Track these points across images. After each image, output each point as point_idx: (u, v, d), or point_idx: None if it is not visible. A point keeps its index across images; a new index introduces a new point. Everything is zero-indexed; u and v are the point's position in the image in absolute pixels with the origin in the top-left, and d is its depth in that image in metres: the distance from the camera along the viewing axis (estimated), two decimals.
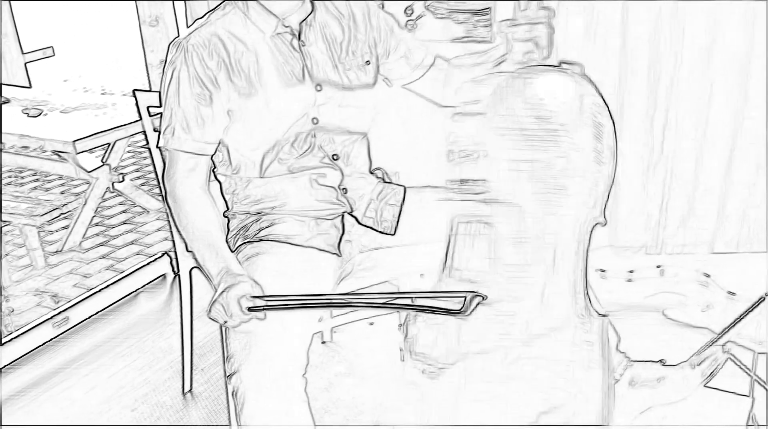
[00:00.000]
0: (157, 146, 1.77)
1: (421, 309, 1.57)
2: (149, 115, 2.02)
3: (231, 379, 1.65)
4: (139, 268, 2.87)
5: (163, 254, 2.97)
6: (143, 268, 2.88)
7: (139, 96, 2.01)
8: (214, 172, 1.84)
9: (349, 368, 2.33)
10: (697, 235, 2.68)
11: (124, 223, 3.52)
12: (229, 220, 1.88)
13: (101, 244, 3.31)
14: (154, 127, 1.98)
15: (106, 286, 2.74)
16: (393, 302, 1.58)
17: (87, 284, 2.96)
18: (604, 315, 1.62)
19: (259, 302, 1.59)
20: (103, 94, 3.54)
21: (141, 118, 2.02)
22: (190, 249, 1.71)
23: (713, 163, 2.60)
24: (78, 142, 2.99)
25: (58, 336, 2.53)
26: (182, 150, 1.71)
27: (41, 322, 2.50)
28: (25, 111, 3.27)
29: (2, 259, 3.03)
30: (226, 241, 1.71)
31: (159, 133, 1.74)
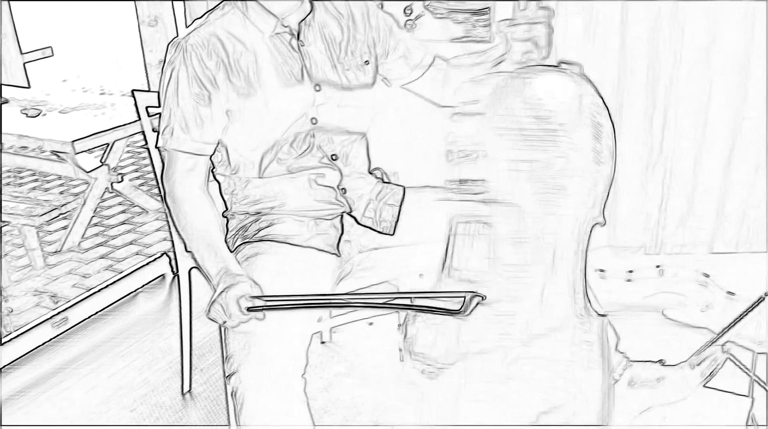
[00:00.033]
0: (156, 146, 1.76)
1: (421, 309, 1.57)
2: (148, 115, 2.01)
3: (230, 380, 1.65)
4: (138, 269, 2.87)
5: (162, 254, 2.97)
6: (142, 268, 2.88)
7: (137, 96, 2.01)
8: (213, 172, 1.84)
9: (349, 368, 2.32)
10: (697, 235, 2.68)
11: (123, 223, 3.51)
12: (228, 221, 1.87)
13: (100, 245, 3.31)
14: (153, 127, 1.98)
15: (105, 287, 2.74)
16: (392, 302, 1.58)
17: (86, 284, 2.96)
18: (603, 315, 1.62)
19: (258, 302, 1.58)
20: (102, 95, 3.54)
21: (140, 119, 2.02)
22: (189, 249, 1.71)
23: (712, 163, 2.59)
24: (77, 142, 2.99)
25: (57, 336, 2.53)
26: (181, 150, 1.71)
27: (40, 323, 2.50)
28: (24, 111, 3.27)
29: (1, 259, 3.03)
30: (225, 241, 1.71)
31: (158, 134, 1.74)
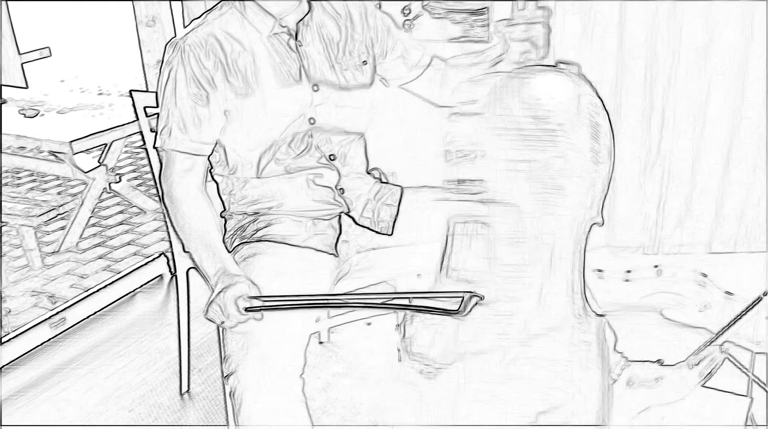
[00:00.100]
0: (154, 147, 1.76)
1: (419, 309, 1.57)
2: (146, 115, 2.01)
3: (228, 380, 1.64)
4: (136, 269, 2.86)
5: (160, 255, 2.96)
6: (140, 268, 2.87)
7: (135, 96, 2.01)
8: (211, 172, 1.84)
9: (347, 368, 2.32)
10: (695, 235, 2.68)
11: (121, 223, 3.51)
12: (226, 221, 1.87)
13: (98, 245, 3.30)
14: (150, 127, 1.98)
15: (103, 287, 2.73)
16: (390, 302, 1.58)
17: (84, 285, 2.95)
18: (601, 315, 1.62)
19: (256, 303, 1.58)
20: (100, 95, 3.54)
21: (138, 119, 2.02)
22: (187, 249, 1.71)
23: (710, 163, 2.60)
24: (75, 142, 2.99)
25: (55, 337, 2.53)
26: (179, 150, 1.71)
27: (38, 323, 2.49)
28: (22, 111, 3.26)
29: (1, 259, 3.03)
30: (223, 241, 1.71)
31: (156, 134, 1.74)
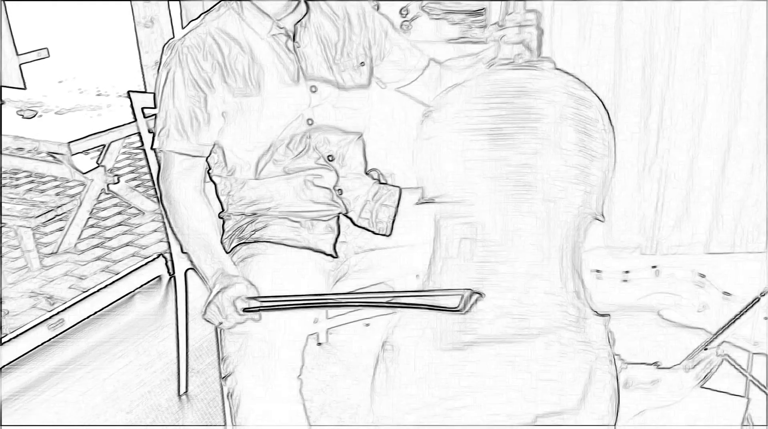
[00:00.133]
0: (152, 148, 1.76)
1: (419, 308, 1.56)
2: (144, 116, 2.01)
3: (226, 381, 1.64)
4: (135, 270, 2.86)
5: (159, 256, 2.96)
6: (138, 269, 2.87)
7: (133, 97, 2.01)
8: (209, 173, 1.84)
9: (345, 370, 2.32)
10: (693, 236, 2.69)
11: (119, 224, 3.51)
12: (224, 222, 1.87)
13: (96, 246, 3.30)
14: (149, 128, 1.98)
15: (102, 288, 2.73)
16: (389, 301, 1.58)
17: (82, 286, 2.95)
18: (600, 315, 1.61)
19: (254, 303, 1.58)
20: (98, 96, 3.54)
21: (136, 120, 2.01)
22: (185, 250, 1.71)
23: (708, 164, 2.60)
24: (73, 143, 2.99)
25: (53, 338, 2.53)
26: (177, 152, 1.71)
27: (37, 324, 2.49)
28: (20, 112, 3.26)
29: (1, 260, 3.03)
30: (222, 242, 1.71)
31: (154, 135, 1.74)
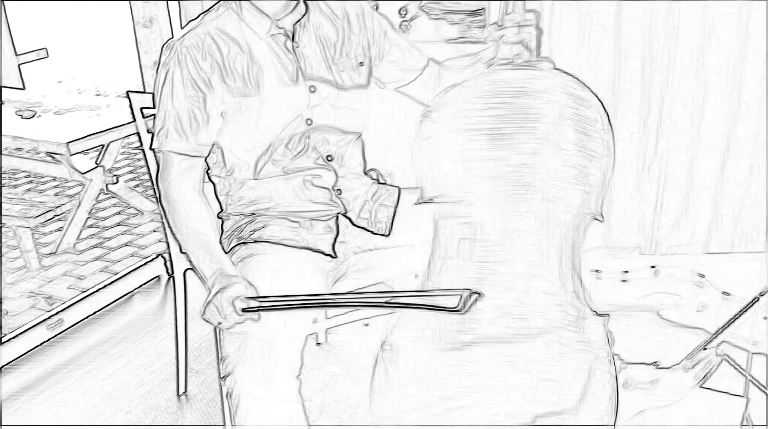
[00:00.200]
0: (151, 148, 1.76)
1: (418, 308, 1.56)
2: (143, 116, 2.01)
3: (225, 381, 1.64)
4: (134, 270, 2.86)
5: (158, 256, 2.96)
6: (137, 269, 2.87)
7: (132, 97, 2.01)
8: (208, 173, 1.84)
9: (344, 369, 2.32)
10: (692, 236, 2.68)
11: (118, 224, 3.51)
12: (223, 222, 1.87)
13: (95, 246, 3.30)
14: (147, 128, 1.97)
15: (101, 288, 2.73)
16: (389, 301, 1.58)
17: (81, 286, 2.95)
18: (599, 315, 1.61)
19: (253, 303, 1.58)
20: (97, 96, 3.54)
21: (135, 120, 2.01)
22: (184, 250, 1.71)
23: (707, 164, 2.60)
24: (72, 143, 2.99)
25: (52, 338, 2.53)
26: (176, 152, 1.71)
27: (36, 325, 2.49)
28: (19, 112, 3.26)
29: (0, 260, 3.03)
30: (220, 242, 1.71)
31: (153, 135, 1.73)
